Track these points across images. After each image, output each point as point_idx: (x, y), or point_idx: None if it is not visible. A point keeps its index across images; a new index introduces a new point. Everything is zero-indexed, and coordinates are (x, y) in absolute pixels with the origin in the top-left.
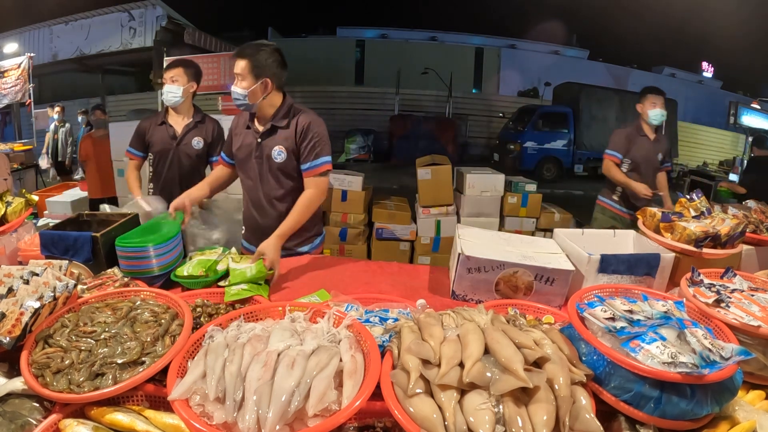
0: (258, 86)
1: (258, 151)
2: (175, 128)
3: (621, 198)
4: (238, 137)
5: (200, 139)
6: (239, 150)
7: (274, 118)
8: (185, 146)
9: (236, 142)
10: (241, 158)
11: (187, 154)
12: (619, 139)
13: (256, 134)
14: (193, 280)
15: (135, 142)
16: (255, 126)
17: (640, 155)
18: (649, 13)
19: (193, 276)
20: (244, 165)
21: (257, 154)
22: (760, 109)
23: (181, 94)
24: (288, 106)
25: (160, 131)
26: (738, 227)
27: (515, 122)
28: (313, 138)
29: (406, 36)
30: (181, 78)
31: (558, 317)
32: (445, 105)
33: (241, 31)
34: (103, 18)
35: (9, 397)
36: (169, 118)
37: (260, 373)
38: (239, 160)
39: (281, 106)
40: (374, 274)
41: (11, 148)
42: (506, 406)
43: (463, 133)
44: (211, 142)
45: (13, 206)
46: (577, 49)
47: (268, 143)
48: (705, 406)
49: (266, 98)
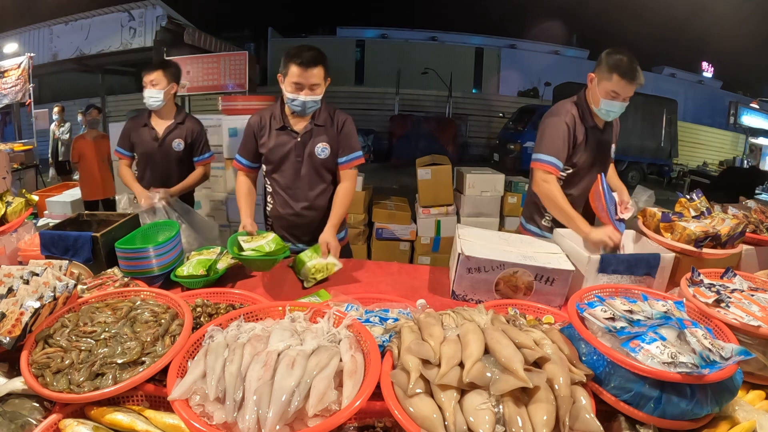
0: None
1: (298, 150)
2: (157, 130)
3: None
4: (266, 139)
5: (180, 141)
6: (272, 151)
7: (315, 117)
8: (167, 148)
9: (266, 143)
10: (275, 159)
11: (168, 155)
12: (558, 135)
13: (295, 134)
14: (194, 280)
15: (122, 142)
16: (292, 126)
17: (588, 156)
18: (649, 14)
19: (193, 276)
20: (280, 165)
21: (297, 152)
22: (760, 109)
23: (162, 98)
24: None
25: (144, 133)
26: (738, 227)
27: (515, 122)
28: (350, 133)
29: (406, 36)
30: (161, 81)
31: (558, 317)
32: (445, 105)
33: (241, 31)
34: (103, 18)
35: (9, 397)
36: (151, 120)
37: (260, 373)
38: (272, 161)
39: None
40: (374, 274)
41: (11, 148)
42: (506, 406)
43: (463, 133)
44: (191, 142)
45: (13, 206)
46: (577, 49)
47: (310, 142)
48: (705, 406)
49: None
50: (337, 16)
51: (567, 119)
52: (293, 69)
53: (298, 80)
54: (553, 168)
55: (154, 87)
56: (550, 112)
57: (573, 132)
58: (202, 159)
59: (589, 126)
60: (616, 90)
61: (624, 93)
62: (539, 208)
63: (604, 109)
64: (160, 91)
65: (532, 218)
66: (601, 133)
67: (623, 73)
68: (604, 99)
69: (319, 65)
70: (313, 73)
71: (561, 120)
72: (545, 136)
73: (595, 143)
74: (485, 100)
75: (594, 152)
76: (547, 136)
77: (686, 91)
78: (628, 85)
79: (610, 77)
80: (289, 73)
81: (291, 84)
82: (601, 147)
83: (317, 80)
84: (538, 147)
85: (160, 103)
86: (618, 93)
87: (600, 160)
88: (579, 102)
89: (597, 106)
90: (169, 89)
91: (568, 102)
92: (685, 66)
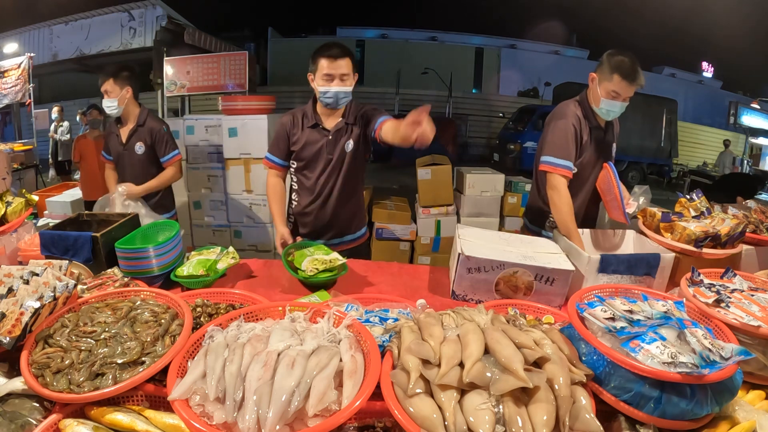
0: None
1: (329, 147)
2: (122, 136)
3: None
4: (297, 137)
5: (141, 144)
6: (304, 149)
7: (347, 115)
8: (129, 152)
9: (298, 141)
10: (307, 157)
11: (133, 159)
12: (567, 138)
13: (326, 131)
14: (194, 280)
15: (104, 147)
16: (324, 123)
17: (591, 156)
18: (649, 13)
19: (193, 276)
20: (311, 163)
21: (329, 150)
22: (760, 109)
23: (116, 105)
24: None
25: (112, 139)
26: (738, 227)
27: (515, 122)
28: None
29: (406, 36)
30: (113, 89)
31: (558, 317)
32: (445, 105)
33: (241, 31)
34: (103, 18)
35: (9, 397)
36: (118, 125)
37: (260, 373)
38: (303, 158)
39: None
40: (374, 274)
41: (11, 148)
42: (506, 406)
43: (463, 133)
44: (152, 143)
45: (13, 206)
46: (577, 49)
47: (340, 139)
48: (705, 406)
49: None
50: (337, 16)
51: (573, 121)
52: (322, 62)
53: (329, 71)
54: (567, 171)
55: (108, 96)
56: (556, 114)
57: (579, 132)
58: (167, 159)
59: (593, 126)
60: (617, 90)
61: (625, 93)
62: (542, 210)
63: (604, 109)
64: (114, 99)
65: (535, 219)
66: (603, 133)
67: (624, 74)
68: (604, 99)
69: (346, 57)
70: (342, 64)
71: (568, 122)
72: (556, 138)
73: (597, 142)
74: (485, 100)
75: (597, 151)
76: (557, 138)
77: (686, 91)
78: (629, 85)
79: (611, 78)
80: (318, 68)
81: (322, 78)
82: (603, 146)
83: (346, 70)
84: (549, 149)
85: (118, 111)
86: (619, 93)
87: (602, 160)
88: (582, 102)
89: (598, 105)
90: (124, 94)
91: (571, 103)
92: (685, 66)
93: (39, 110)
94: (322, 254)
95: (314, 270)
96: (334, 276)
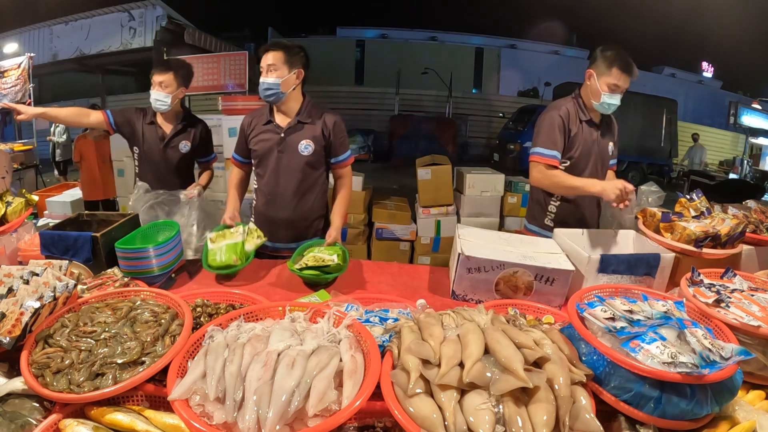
0: (291, 76)
1: (281, 146)
2: (164, 130)
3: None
4: (254, 134)
5: (187, 143)
6: (257, 145)
7: (300, 114)
8: (172, 149)
9: (253, 138)
10: (260, 153)
11: (173, 156)
12: (552, 128)
13: (279, 129)
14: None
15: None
16: (277, 122)
17: (584, 150)
18: (649, 13)
19: (229, 265)
20: (264, 160)
21: (280, 148)
22: (760, 109)
23: (169, 102)
24: (310, 103)
25: (149, 131)
26: (738, 227)
27: (515, 122)
28: (342, 134)
29: (406, 36)
30: (171, 84)
31: (558, 317)
32: (445, 105)
33: (241, 31)
34: (103, 18)
35: (9, 397)
36: (157, 118)
37: (260, 373)
38: (258, 155)
39: (304, 102)
40: (374, 274)
41: (11, 148)
42: (506, 406)
43: (463, 133)
44: (198, 144)
45: (13, 206)
46: (577, 49)
47: (293, 138)
48: (705, 406)
49: (294, 90)
50: (337, 16)
51: (561, 113)
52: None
53: (261, 65)
54: (554, 160)
55: (163, 89)
56: (547, 109)
57: (567, 124)
58: (208, 160)
59: (584, 119)
60: (617, 83)
61: (623, 85)
62: (542, 206)
63: (606, 103)
64: (169, 95)
65: (534, 217)
66: (597, 128)
67: (622, 66)
68: (605, 92)
69: (273, 51)
70: (268, 56)
71: (555, 113)
72: (542, 130)
73: (590, 137)
74: (485, 100)
75: (589, 146)
76: (543, 130)
77: (686, 91)
78: (628, 77)
79: (610, 71)
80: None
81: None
82: (596, 142)
83: (272, 61)
84: (535, 141)
85: (167, 108)
86: (618, 85)
87: (597, 156)
88: (575, 98)
89: (598, 100)
90: (178, 93)
91: (564, 99)
92: (685, 66)
93: None
94: (326, 254)
95: (303, 265)
96: (320, 276)
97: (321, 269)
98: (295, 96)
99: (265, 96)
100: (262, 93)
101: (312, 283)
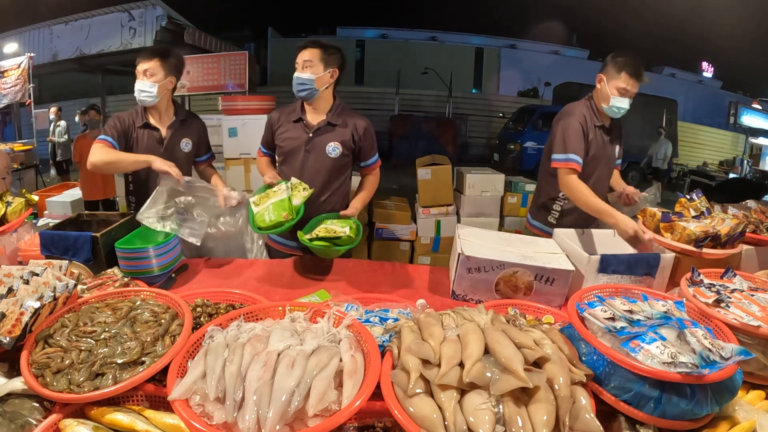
0: (326, 74)
1: (309, 145)
2: (160, 131)
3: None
4: (282, 129)
5: (188, 141)
6: (285, 142)
7: (330, 115)
8: (172, 149)
9: (281, 134)
10: (286, 150)
11: (175, 158)
12: (576, 135)
13: (308, 128)
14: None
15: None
16: (307, 120)
17: (595, 155)
18: (649, 13)
19: (280, 222)
20: (289, 158)
21: (308, 147)
22: (760, 109)
23: (155, 93)
24: (341, 105)
25: (144, 135)
26: (738, 227)
27: (515, 122)
28: (371, 138)
29: (406, 36)
30: (158, 72)
31: (558, 317)
32: (445, 105)
33: (241, 31)
34: (103, 18)
35: (9, 397)
36: (149, 118)
37: (260, 373)
38: (284, 152)
39: (335, 103)
40: (374, 274)
41: (11, 148)
42: (506, 406)
43: (463, 133)
44: (197, 141)
45: (13, 206)
46: (577, 49)
47: (322, 139)
48: (705, 406)
49: (327, 89)
50: (337, 16)
51: (580, 119)
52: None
53: (296, 61)
54: (577, 165)
55: (148, 78)
56: (564, 113)
57: (586, 130)
58: (208, 158)
59: (597, 125)
60: (626, 87)
61: (632, 89)
62: (546, 205)
63: (615, 106)
64: (155, 84)
65: (538, 214)
66: (607, 132)
67: (632, 71)
68: (614, 96)
69: (311, 48)
70: (304, 53)
71: (575, 119)
72: (566, 135)
73: (601, 141)
74: (485, 100)
75: (601, 149)
76: (567, 135)
77: (686, 91)
78: (637, 82)
79: (619, 76)
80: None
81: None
82: (606, 145)
83: (308, 57)
84: (559, 147)
85: (153, 99)
86: (627, 90)
87: (606, 158)
88: (589, 103)
89: (607, 104)
90: (167, 83)
91: (578, 103)
92: (685, 66)
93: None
94: (338, 226)
95: (314, 235)
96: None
97: (332, 240)
98: (326, 96)
99: (298, 91)
100: (295, 88)
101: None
